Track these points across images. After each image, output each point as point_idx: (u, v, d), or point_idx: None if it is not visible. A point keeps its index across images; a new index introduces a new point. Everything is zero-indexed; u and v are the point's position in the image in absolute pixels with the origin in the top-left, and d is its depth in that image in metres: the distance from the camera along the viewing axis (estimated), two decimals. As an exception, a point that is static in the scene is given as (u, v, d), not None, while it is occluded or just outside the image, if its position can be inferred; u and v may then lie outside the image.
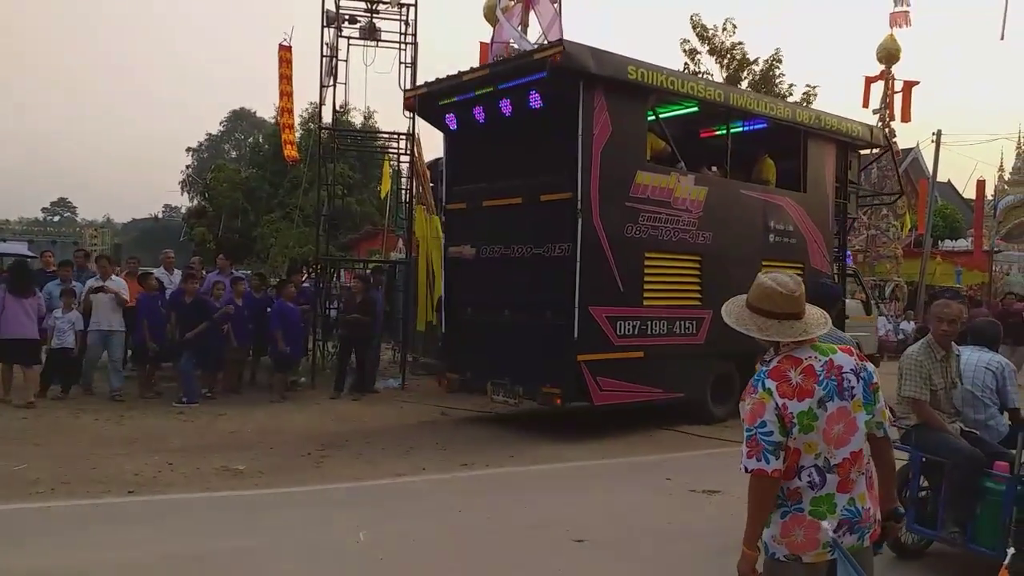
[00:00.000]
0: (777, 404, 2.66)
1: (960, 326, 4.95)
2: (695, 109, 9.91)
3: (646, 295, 8.82)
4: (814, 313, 2.86)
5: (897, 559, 5.03)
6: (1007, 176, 33.39)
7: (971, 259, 24.94)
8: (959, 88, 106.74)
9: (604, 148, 8.31)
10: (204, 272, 12.14)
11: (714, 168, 10.16)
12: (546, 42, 8.41)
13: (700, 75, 24.01)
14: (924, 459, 4.90)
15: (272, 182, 30.02)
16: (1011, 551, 2.35)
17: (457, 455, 7.93)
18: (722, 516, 5.59)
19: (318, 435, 8.67)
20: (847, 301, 11.55)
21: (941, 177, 25.28)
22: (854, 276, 12.75)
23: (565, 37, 15.37)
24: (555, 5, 16.20)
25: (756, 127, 10.44)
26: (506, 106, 8.82)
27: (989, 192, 29.32)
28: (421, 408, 10.55)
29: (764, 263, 9.42)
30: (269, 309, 11.46)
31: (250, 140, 48.61)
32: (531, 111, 8.59)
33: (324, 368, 12.72)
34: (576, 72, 8.08)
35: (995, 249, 26.05)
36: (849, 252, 13.74)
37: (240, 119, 59.14)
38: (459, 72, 9.39)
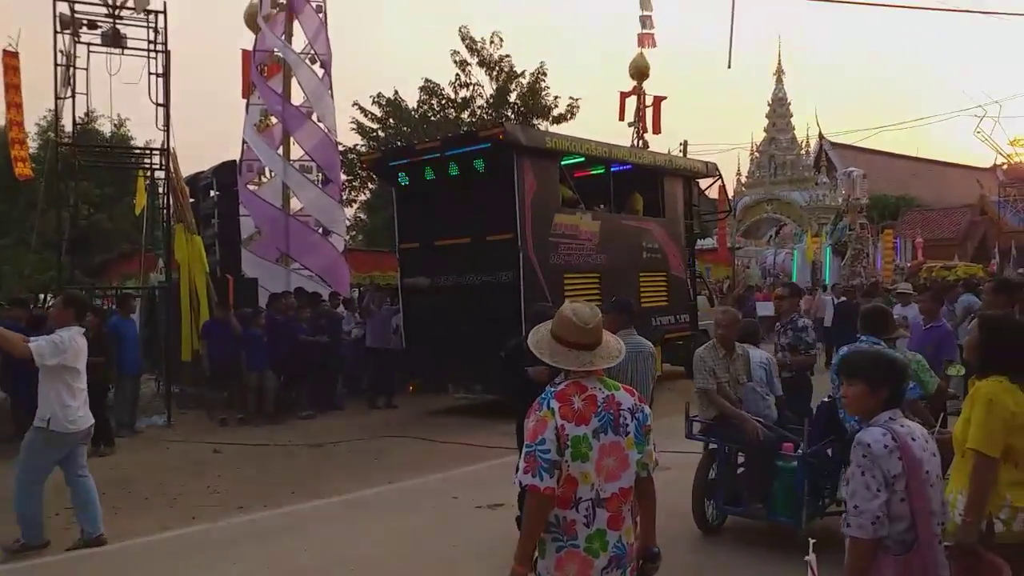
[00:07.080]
0: (557, 424, 2.72)
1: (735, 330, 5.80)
2: (582, 159, 12.45)
3: None
4: (609, 346, 2.92)
5: (703, 536, 5.65)
6: (743, 179, 37.53)
7: (717, 256, 27.57)
8: (701, 102, 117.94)
9: (533, 199, 10.64)
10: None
11: (601, 205, 12.56)
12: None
13: (471, 86, 24.55)
14: (728, 449, 5.58)
15: (4, 200, 26.44)
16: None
17: (232, 498, 7.44)
18: (507, 529, 5.65)
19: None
20: (698, 297, 14.64)
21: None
22: (701, 278, 15.53)
23: (332, 49, 15.32)
24: (320, 15, 15.83)
25: (625, 168, 12.99)
26: (453, 168, 10.99)
27: (730, 196, 32.51)
28: (190, 447, 9.74)
29: (641, 274, 12.52)
30: None
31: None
32: (474, 172, 10.75)
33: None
34: (511, 144, 10.49)
35: (736, 246, 29.00)
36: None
37: (-38, 130, 51.56)
38: (414, 143, 13.26)
